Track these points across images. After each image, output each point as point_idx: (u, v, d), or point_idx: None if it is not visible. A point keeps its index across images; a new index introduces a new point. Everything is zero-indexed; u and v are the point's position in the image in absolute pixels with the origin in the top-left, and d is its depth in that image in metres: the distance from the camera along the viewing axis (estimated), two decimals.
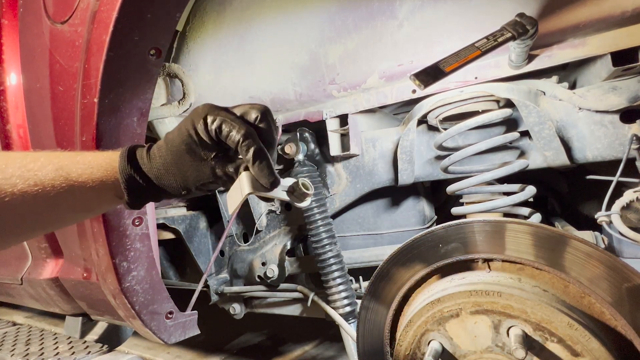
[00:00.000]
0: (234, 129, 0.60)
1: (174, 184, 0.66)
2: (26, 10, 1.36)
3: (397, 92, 1.15)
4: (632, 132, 0.93)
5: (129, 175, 0.64)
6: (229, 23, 1.27)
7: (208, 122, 0.61)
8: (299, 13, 1.16)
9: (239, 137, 0.60)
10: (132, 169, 0.64)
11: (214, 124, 0.61)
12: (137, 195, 0.66)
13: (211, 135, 0.62)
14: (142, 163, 0.65)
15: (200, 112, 0.63)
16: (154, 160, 0.65)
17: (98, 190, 0.65)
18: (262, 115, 0.64)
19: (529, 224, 0.79)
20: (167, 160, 0.65)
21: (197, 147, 0.63)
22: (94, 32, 1.00)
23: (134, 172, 0.64)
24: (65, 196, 0.64)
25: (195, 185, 0.66)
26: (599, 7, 0.86)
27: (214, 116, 0.61)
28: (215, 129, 0.61)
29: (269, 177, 0.62)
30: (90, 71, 1.03)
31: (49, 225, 0.72)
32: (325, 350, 2.25)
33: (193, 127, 0.62)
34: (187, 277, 1.96)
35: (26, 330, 2.10)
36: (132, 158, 0.65)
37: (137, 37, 1.00)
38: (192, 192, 0.67)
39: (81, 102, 1.06)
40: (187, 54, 1.35)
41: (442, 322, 0.81)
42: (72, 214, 0.70)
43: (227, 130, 0.61)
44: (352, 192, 1.36)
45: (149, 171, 0.65)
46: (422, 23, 1.02)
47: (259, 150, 0.61)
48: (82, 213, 0.72)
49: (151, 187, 0.66)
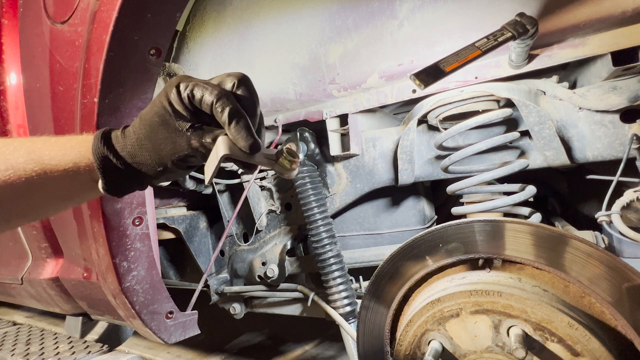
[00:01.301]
0: (207, 91, 0.58)
1: (148, 160, 0.62)
2: (26, 10, 1.36)
3: (397, 91, 1.15)
4: (632, 132, 0.93)
5: (103, 155, 0.60)
6: (229, 23, 1.27)
7: (181, 89, 0.58)
8: (299, 13, 1.16)
9: (212, 99, 0.57)
10: (105, 147, 0.61)
11: (187, 90, 0.58)
12: (114, 178, 0.62)
13: (185, 103, 0.59)
14: (116, 142, 0.62)
15: (173, 81, 0.60)
16: (128, 137, 0.62)
17: (73, 174, 0.62)
18: (239, 81, 0.61)
19: (529, 224, 0.79)
20: (140, 135, 0.61)
21: (170, 117, 0.60)
22: (94, 32, 1.00)
23: (108, 150, 0.61)
24: (39, 181, 0.61)
25: (172, 160, 0.62)
26: (599, 6, 0.86)
27: (187, 83, 0.59)
28: (188, 94, 0.58)
29: (247, 139, 0.58)
30: (90, 71, 1.03)
31: (26, 215, 0.69)
32: (325, 350, 2.25)
33: (166, 97, 0.59)
34: (187, 277, 1.96)
35: (26, 330, 2.10)
36: (106, 138, 0.62)
37: (137, 37, 1.00)
38: (169, 167, 0.63)
39: (81, 102, 1.06)
40: (187, 54, 1.35)
41: (442, 322, 0.81)
42: (49, 201, 0.67)
43: (199, 93, 0.58)
44: (352, 191, 1.36)
45: (122, 149, 0.61)
46: (422, 22, 1.02)
47: (235, 110, 0.57)
48: (60, 201, 0.69)
49: (127, 168, 0.62)
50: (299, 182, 1.35)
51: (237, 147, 0.58)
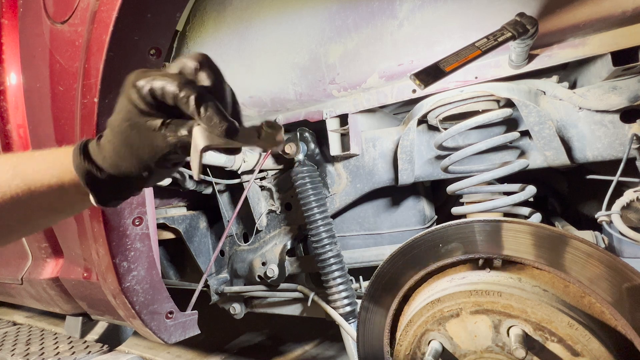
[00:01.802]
0: (167, 83, 0.54)
1: (132, 168, 0.59)
2: (26, 10, 1.36)
3: (397, 91, 1.15)
4: (632, 132, 0.93)
5: (86, 171, 0.59)
6: (229, 23, 1.27)
7: (139, 87, 0.55)
8: (299, 12, 1.16)
9: (173, 89, 0.53)
10: (87, 162, 0.59)
11: (146, 87, 0.54)
12: (104, 191, 0.60)
13: (148, 101, 0.55)
14: (95, 155, 0.60)
15: (129, 80, 0.56)
16: (105, 149, 0.59)
17: (58, 189, 0.61)
18: (200, 63, 0.56)
19: (529, 224, 0.79)
20: (115, 144, 0.58)
21: (139, 119, 0.56)
22: (94, 32, 1.00)
23: (90, 165, 0.59)
24: (24, 197, 0.60)
25: (154, 161, 0.59)
26: (599, 6, 0.86)
27: (144, 78, 0.55)
28: (148, 90, 0.54)
29: (221, 125, 0.53)
30: (90, 71, 1.03)
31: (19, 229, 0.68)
32: (325, 350, 2.25)
33: (128, 99, 0.56)
34: (187, 277, 1.96)
35: (26, 330, 2.10)
36: (85, 152, 0.60)
37: (137, 37, 1.00)
38: (155, 170, 0.60)
39: (81, 102, 1.06)
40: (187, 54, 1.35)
41: (442, 322, 0.81)
42: (37, 215, 0.66)
43: (159, 87, 0.54)
44: (352, 191, 1.36)
45: (103, 161, 0.59)
46: (422, 22, 1.02)
47: (200, 96, 0.53)
48: (49, 214, 0.67)
49: (113, 179, 0.60)
50: (299, 182, 1.35)
51: (214, 135, 0.54)
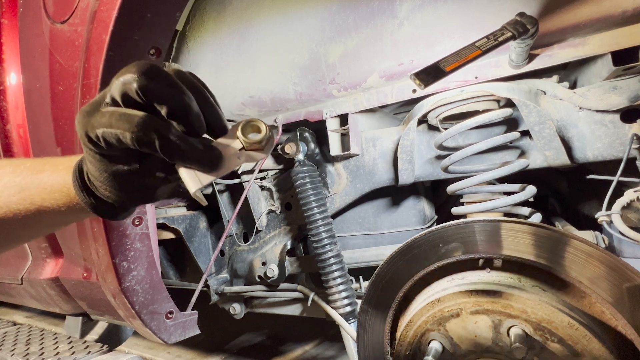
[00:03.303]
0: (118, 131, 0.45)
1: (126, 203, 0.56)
2: (26, 10, 1.36)
3: (398, 91, 1.14)
4: (632, 132, 0.93)
5: (93, 205, 0.56)
6: (229, 22, 1.27)
7: (92, 137, 0.48)
8: (299, 12, 1.16)
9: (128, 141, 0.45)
10: (90, 197, 0.56)
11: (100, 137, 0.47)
12: (110, 213, 0.59)
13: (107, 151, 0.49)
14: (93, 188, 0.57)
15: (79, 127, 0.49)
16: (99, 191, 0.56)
17: (66, 212, 0.60)
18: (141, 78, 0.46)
19: (529, 224, 0.79)
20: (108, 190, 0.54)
21: (115, 167, 0.51)
22: (94, 32, 1.00)
23: (93, 199, 0.56)
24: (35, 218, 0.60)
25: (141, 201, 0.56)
26: (599, 6, 0.86)
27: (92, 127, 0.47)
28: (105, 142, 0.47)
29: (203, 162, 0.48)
30: (90, 71, 1.03)
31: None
32: (325, 350, 2.25)
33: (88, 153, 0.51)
34: (187, 277, 1.96)
35: (26, 330, 2.10)
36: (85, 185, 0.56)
37: (137, 37, 0.99)
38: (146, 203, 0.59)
39: (81, 102, 1.06)
40: (187, 54, 1.35)
41: (442, 322, 0.81)
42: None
43: (112, 137, 0.46)
44: (352, 191, 1.36)
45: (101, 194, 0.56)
46: (423, 22, 1.02)
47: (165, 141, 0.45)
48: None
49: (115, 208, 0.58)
50: (299, 182, 1.35)
51: (200, 173, 0.50)
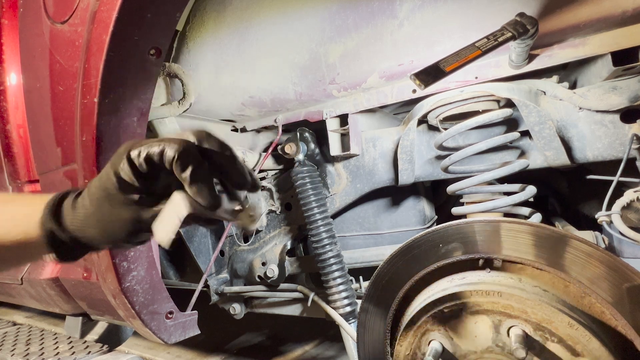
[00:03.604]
0: (167, 146, 0.52)
1: (97, 238, 0.57)
2: (26, 10, 1.36)
3: (398, 91, 1.14)
4: (632, 132, 0.93)
5: (49, 231, 0.56)
6: (229, 22, 1.27)
7: (133, 157, 0.53)
8: (299, 12, 1.16)
9: (172, 154, 0.51)
10: (53, 221, 0.56)
11: (141, 156, 0.52)
12: (63, 250, 0.58)
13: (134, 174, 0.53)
14: (66, 213, 0.57)
15: (121, 150, 0.54)
16: (78, 210, 0.57)
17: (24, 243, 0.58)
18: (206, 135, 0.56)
19: (529, 224, 0.79)
20: (87, 211, 0.56)
21: (116, 191, 0.54)
22: (94, 32, 1.00)
23: (55, 225, 0.56)
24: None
25: (121, 237, 0.57)
26: (599, 6, 0.86)
27: (139, 148, 0.53)
28: (144, 158, 0.52)
29: (207, 197, 0.53)
30: (90, 71, 1.03)
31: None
32: (325, 350, 2.25)
33: (113, 168, 0.54)
34: (187, 277, 1.95)
35: (26, 330, 2.10)
36: (56, 210, 0.57)
37: (137, 37, 0.99)
38: (120, 245, 0.59)
39: (81, 102, 1.06)
40: (187, 54, 1.35)
41: (442, 322, 0.81)
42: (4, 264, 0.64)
43: (157, 151, 0.52)
44: (352, 191, 1.36)
45: (71, 222, 0.57)
46: (423, 22, 1.02)
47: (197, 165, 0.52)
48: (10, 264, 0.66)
49: (75, 242, 0.58)
50: (299, 182, 1.35)
51: (196, 203, 0.54)
